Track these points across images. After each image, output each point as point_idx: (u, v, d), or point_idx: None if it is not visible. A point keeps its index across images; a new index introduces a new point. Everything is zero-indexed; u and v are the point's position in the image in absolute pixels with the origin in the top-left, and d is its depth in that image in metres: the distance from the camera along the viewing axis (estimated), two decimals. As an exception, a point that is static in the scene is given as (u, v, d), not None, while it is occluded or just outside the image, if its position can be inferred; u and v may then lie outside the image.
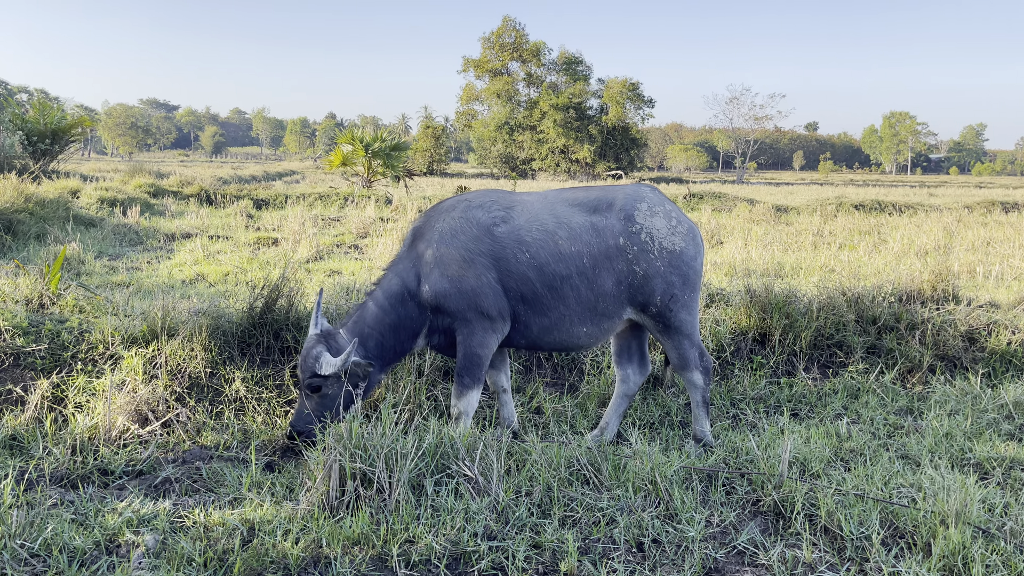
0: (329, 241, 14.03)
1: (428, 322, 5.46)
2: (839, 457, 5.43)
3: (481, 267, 5.32)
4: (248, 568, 3.74)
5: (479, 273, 5.31)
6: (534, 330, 5.51)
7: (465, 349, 5.37)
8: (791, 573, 3.89)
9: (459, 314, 5.33)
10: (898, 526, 4.28)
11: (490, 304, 5.32)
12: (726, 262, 12.01)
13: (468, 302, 5.30)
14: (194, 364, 6.21)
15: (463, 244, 5.35)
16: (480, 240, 5.36)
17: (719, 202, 25.67)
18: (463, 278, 5.29)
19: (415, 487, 4.43)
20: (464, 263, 5.31)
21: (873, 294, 8.26)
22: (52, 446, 5.14)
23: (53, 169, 24.75)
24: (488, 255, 5.34)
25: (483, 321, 5.34)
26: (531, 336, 5.55)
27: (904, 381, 7.41)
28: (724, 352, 7.46)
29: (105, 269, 10.47)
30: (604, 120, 70.37)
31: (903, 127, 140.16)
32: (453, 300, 5.30)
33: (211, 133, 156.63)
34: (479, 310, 5.31)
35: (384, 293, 5.44)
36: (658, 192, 5.80)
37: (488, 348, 5.40)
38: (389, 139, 29.28)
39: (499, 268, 5.34)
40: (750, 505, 4.60)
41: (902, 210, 23.98)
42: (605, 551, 4.06)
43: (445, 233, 5.40)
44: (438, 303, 5.34)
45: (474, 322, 5.33)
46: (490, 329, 5.37)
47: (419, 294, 5.39)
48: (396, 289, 5.42)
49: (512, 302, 5.40)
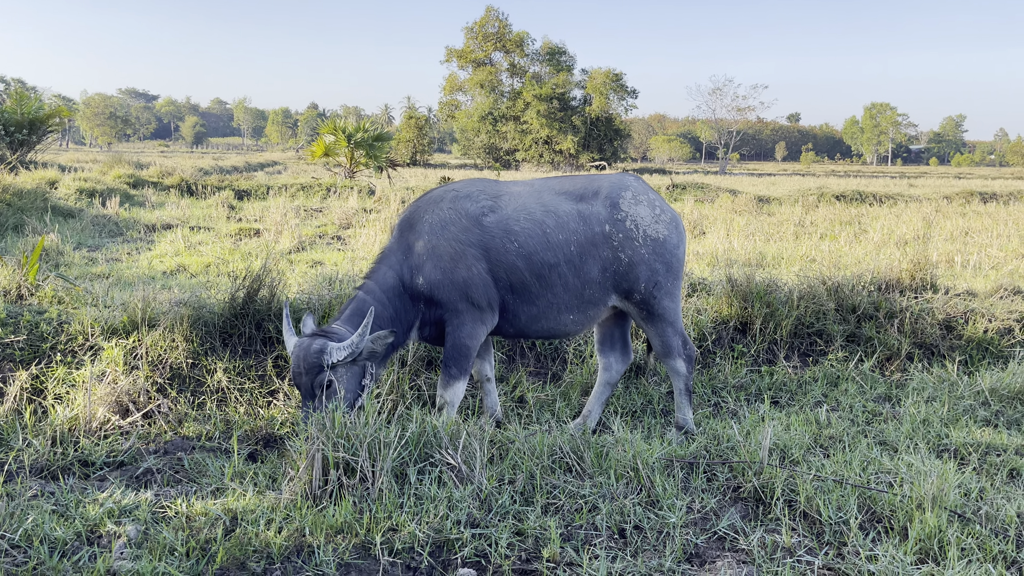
0: (311, 232, 13.97)
1: (420, 314, 5.43)
2: (818, 444, 5.49)
3: (472, 258, 5.31)
4: (231, 557, 3.74)
5: (470, 264, 5.31)
6: (522, 319, 5.52)
7: (454, 340, 5.36)
8: (770, 557, 3.93)
9: (450, 305, 5.32)
10: (876, 511, 4.34)
11: (480, 295, 5.33)
12: (708, 252, 12.08)
13: (460, 293, 5.29)
14: (175, 355, 6.17)
15: (453, 235, 5.34)
16: (470, 231, 5.35)
17: (702, 192, 25.79)
18: (455, 269, 5.28)
19: (398, 476, 4.44)
20: (455, 254, 5.30)
21: (853, 283, 8.35)
22: (32, 437, 5.10)
23: (31, 160, 24.47)
24: (478, 245, 5.33)
25: (473, 312, 5.34)
26: (519, 324, 5.57)
27: (883, 369, 7.50)
28: (706, 341, 7.51)
29: (84, 260, 10.37)
30: (587, 111, 70.32)
31: (884, 118, 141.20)
32: (446, 291, 5.29)
33: (192, 123, 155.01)
34: (470, 301, 5.31)
35: (380, 286, 5.35)
36: (642, 181, 5.83)
37: (477, 339, 5.41)
38: (372, 129, 29.16)
39: (489, 258, 5.35)
40: (731, 491, 4.64)
41: (882, 200, 24.21)
42: (587, 537, 4.09)
43: (435, 224, 5.38)
44: (431, 295, 5.33)
45: (464, 313, 5.33)
46: (479, 320, 5.37)
47: (413, 286, 5.36)
48: (392, 282, 5.36)
49: (501, 291, 5.40)
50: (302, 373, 4.93)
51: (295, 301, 7.10)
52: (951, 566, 3.71)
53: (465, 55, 73.84)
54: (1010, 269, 11.06)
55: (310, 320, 5.38)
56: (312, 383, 4.92)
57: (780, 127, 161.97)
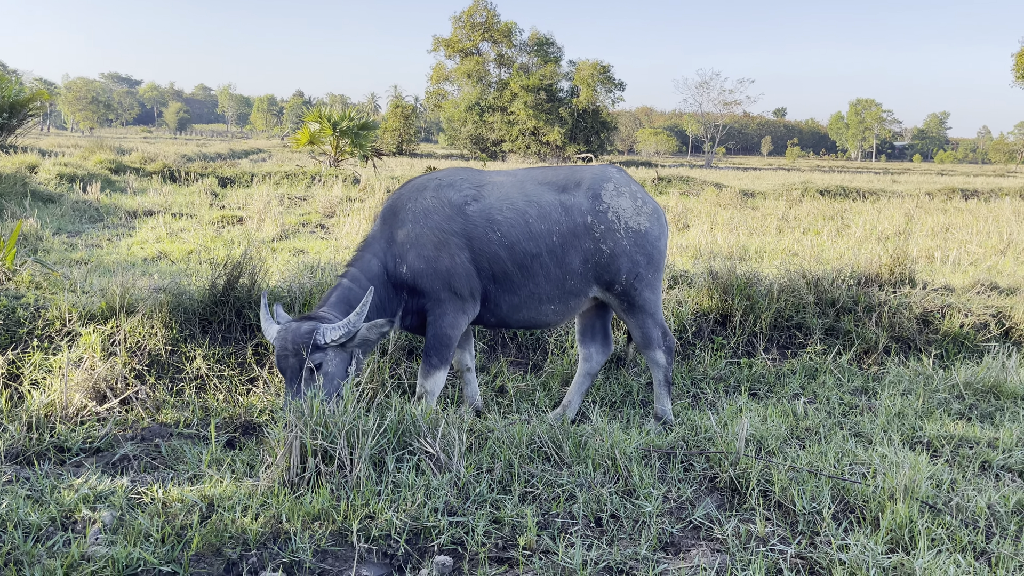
0: (295, 220, 13.90)
1: (403, 303, 5.42)
2: (795, 435, 5.55)
3: (455, 247, 5.31)
4: (207, 543, 3.73)
5: (453, 253, 5.30)
6: (503, 308, 5.53)
7: (436, 329, 5.36)
8: (744, 546, 3.97)
9: (433, 294, 5.31)
10: (849, 501, 4.39)
11: (463, 284, 5.33)
12: (691, 245, 12.13)
13: (443, 282, 5.29)
14: (154, 341, 6.14)
15: (437, 224, 5.33)
16: (453, 219, 5.35)
17: (687, 186, 25.86)
18: (438, 258, 5.28)
19: (376, 464, 4.45)
20: (439, 243, 5.29)
21: (833, 277, 8.42)
22: (7, 423, 5.06)
23: (10, 144, 24.16)
24: (461, 234, 5.33)
25: (455, 301, 5.34)
26: (500, 314, 5.58)
27: (860, 362, 7.57)
28: (686, 333, 7.55)
29: (64, 246, 10.28)
30: (575, 103, 70.22)
31: (869, 114, 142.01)
32: (428, 280, 5.28)
33: (175, 109, 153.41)
34: (452, 290, 5.31)
35: (365, 274, 5.32)
36: (624, 173, 5.85)
37: (458, 329, 5.41)
38: (358, 118, 29.02)
39: (471, 247, 5.34)
40: (707, 481, 4.68)
41: (866, 196, 24.38)
42: (564, 526, 4.11)
43: (418, 213, 5.37)
44: (414, 283, 5.32)
45: (446, 302, 5.33)
46: (461, 310, 5.38)
47: (396, 274, 5.35)
48: (376, 270, 5.34)
49: (483, 281, 5.41)
50: (289, 355, 4.82)
51: (276, 289, 7.07)
52: (921, 555, 3.76)
53: (453, 45, 73.47)
54: (988, 265, 11.19)
55: (281, 310, 5.36)
56: (300, 364, 4.81)
57: (766, 122, 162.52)
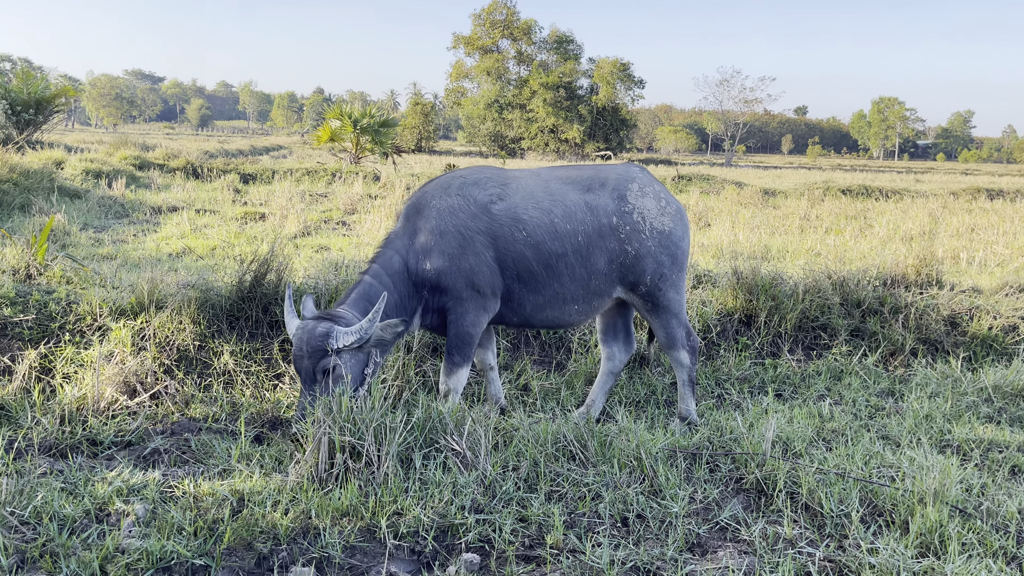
0: (316, 217, 13.98)
1: (424, 301, 5.40)
2: (821, 437, 5.52)
3: (480, 245, 5.30)
4: (238, 537, 3.78)
5: (478, 251, 5.29)
6: (527, 308, 5.53)
7: (457, 328, 5.36)
8: (772, 548, 3.96)
9: (455, 292, 5.29)
10: (877, 504, 4.36)
11: (485, 283, 5.32)
12: (713, 244, 12.08)
13: (466, 280, 5.27)
14: (182, 337, 6.21)
15: (462, 222, 5.31)
16: (478, 218, 5.33)
17: (707, 184, 25.73)
18: (463, 256, 5.26)
19: (404, 460, 4.48)
20: (463, 241, 5.28)
21: (858, 278, 8.35)
22: (41, 416, 5.14)
23: (37, 140, 24.45)
24: (486, 233, 5.32)
25: (477, 299, 5.33)
26: (524, 313, 5.57)
27: (886, 364, 7.51)
28: (710, 333, 7.53)
29: (91, 241, 10.40)
30: (594, 100, 70.09)
31: (891, 113, 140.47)
32: (452, 278, 5.27)
33: (197, 106, 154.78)
34: (475, 288, 5.30)
35: (386, 271, 5.27)
36: (647, 172, 5.84)
37: (479, 327, 5.41)
38: (378, 115, 29.10)
39: (496, 246, 5.33)
40: (733, 483, 4.67)
41: (888, 195, 24.13)
42: (590, 525, 4.12)
43: (443, 211, 5.35)
44: (437, 281, 5.30)
45: (468, 301, 5.32)
46: (482, 307, 5.37)
47: (418, 272, 5.31)
48: (398, 267, 5.30)
49: (507, 280, 5.40)
50: (304, 356, 4.77)
51: (302, 286, 7.13)
52: (951, 560, 3.74)
53: (472, 42, 73.54)
54: (1016, 266, 11.04)
55: (310, 302, 5.31)
56: (314, 368, 4.76)
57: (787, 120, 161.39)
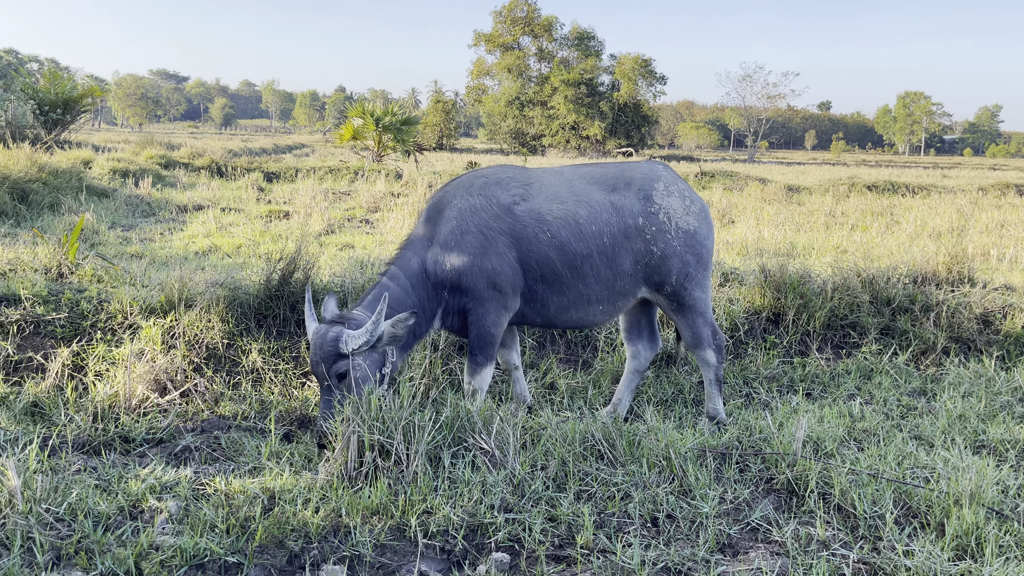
0: (340, 215, 14.03)
1: (444, 303, 5.36)
2: (852, 437, 5.45)
3: (503, 246, 5.25)
4: (270, 535, 3.80)
5: (500, 252, 5.24)
6: (551, 309, 5.49)
7: (479, 329, 5.32)
8: (804, 550, 3.92)
9: (476, 293, 5.25)
10: (911, 506, 4.30)
11: (507, 284, 5.27)
12: (738, 241, 11.98)
13: (487, 281, 5.23)
14: (211, 335, 6.26)
15: (484, 223, 5.26)
16: (500, 219, 5.28)
17: (731, 181, 25.55)
18: (484, 257, 5.21)
19: (432, 459, 4.48)
20: (485, 242, 5.22)
21: (888, 275, 8.24)
22: (74, 413, 5.21)
23: (65, 139, 24.74)
24: (509, 234, 5.27)
25: (498, 300, 5.29)
26: (547, 314, 5.53)
27: (917, 362, 7.41)
28: (738, 331, 7.47)
29: (119, 240, 10.52)
30: (615, 96, 69.80)
31: (917, 107, 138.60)
32: (473, 280, 5.21)
33: (221, 105, 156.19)
34: (496, 289, 5.26)
35: (405, 272, 5.23)
36: (671, 170, 5.80)
37: (501, 327, 5.38)
38: (399, 113, 29.16)
39: (520, 248, 5.28)
40: (763, 483, 4.63)
41: (915, 191, 23.82)
42: (620, 525, 4.10)
43: (464, 211, 5.30)
44: (458, 282, 5.24)
45: (489, 301, 5.27)
46: (503, 308, 5.33)
47: (438, 273, 5.26)
48: (416, 268, 5.25)
49: (530, 281, 5.35)
50: (319, 362, 4.79)
51: (328, 284, 7.16)
52: (989, 564, 3.68)
53: (493, 39, 73.51)
54: (1048, 264, 10.85)
55: (332, 303, 5.26)
56: (328, 372, 4.77)
57: (810, 115, 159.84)
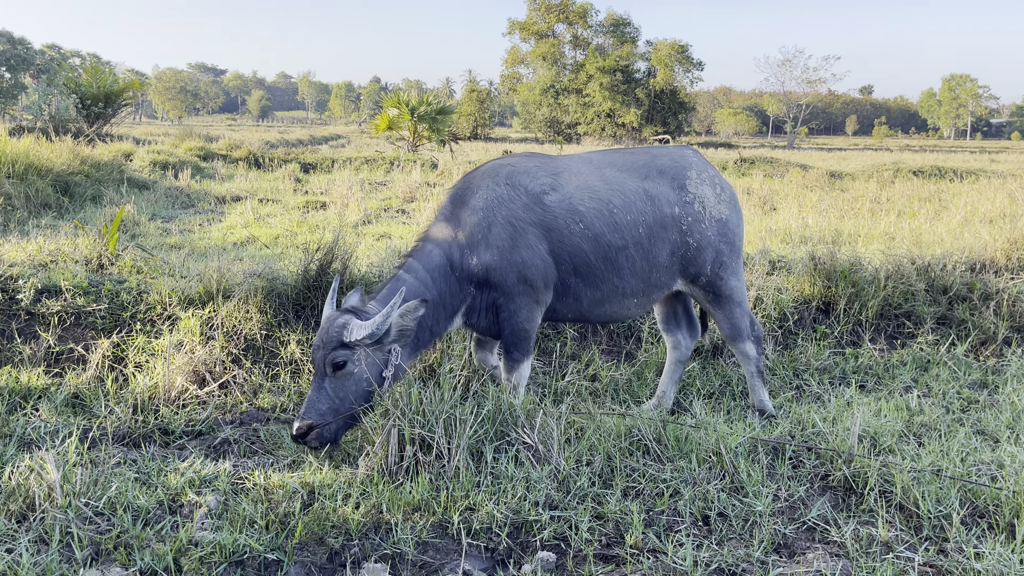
0: (376, 205, 13.99)
1: (469, 299, 5.05)
2: (911, 432, 5.22)
3: (533, 238, 4.99)
4: (309, 532, 3.71)
5: (531, 244, 4.98)
6: (584, 303, 5.26)
7: (512, 326, 5.07)
8: (866, 551, 3.73)
9: (506, 289, 4.98)
10: (978, 505, 4.09)
11: (539, 277, 5.01)
12: (781, 228, 11.68)
13: (518, 276, 4.96)
14: (250, 326, 6.21)
15: (513, 214, 4.99)
16: (531, 209, 5.02)
17: (771, 167, 25.05)
18: (514, 250, 4.94)
19: (474, 454, 4.36)
20: (515, 235, 4.96)
21: (943, 262, 7.93)
22: (114, 405, 5.19)
23: (106, 132, 25.11)
24: (539, 225, 5.01)
25: (530, 295, 5.03)
26: (580, 309, 5.29)
27: (977, 353, 7.10)
28: (787, 321, 7.23)
29: (159, 231, 10.58)
30: (651, 83, 68.91)
31: (963, 90, 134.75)
32: (502, 274, 4.95)
33: (258, 97, 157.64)
34: (528, 283, 4.99)
35: (425, 266, 4.89)
36: (700, 156, 5.61)
37: (535, 321, 5.14)
38: (434, 103, 29.11)
39: (551, 239, 5.02)
40: (818, 480, 4.43)
41: (963, 176, 23.11)
42: (670, 524, 3.94)
43: (491, 202, 5.02)
44: (487, 278, 4.97)
45: (520, 296, 5.00)
46: (535, 301, 5.08)
47: (464, 268, 4.95)
48: (439, 262, 4.93)
49: (563, 274, 5.10)
50: (319, 346, 4.53)
51: (366, 274, 7.08)
52: (1067, 568, 3.45)
53: (528, 27, 73.00)
54: (1111, 250, 10.38)
55: (356, 296, 4.92)
56: (324, 359, 4.50)
57: (852, 100, 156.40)
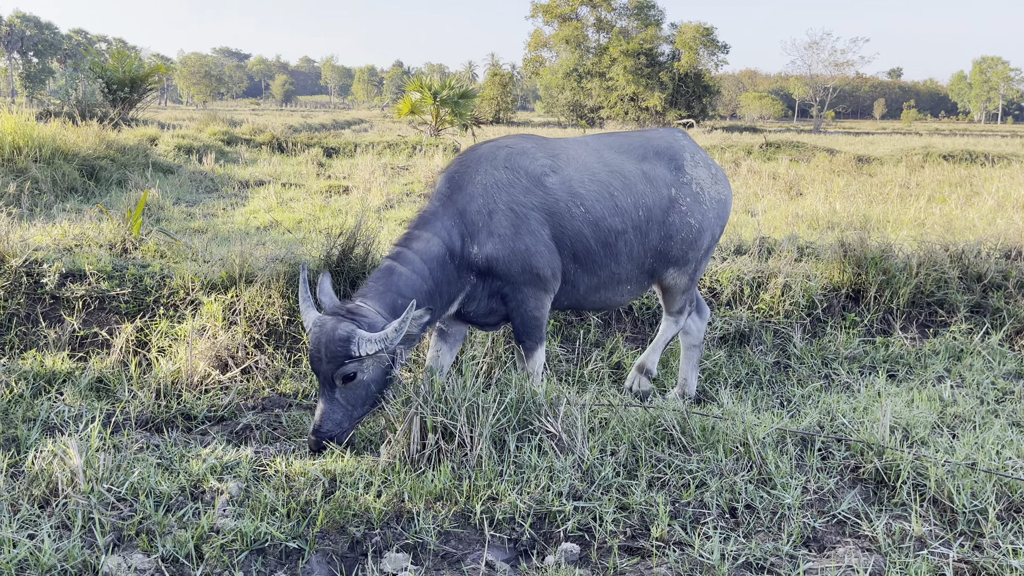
0: (399, 190, 13.96)
1: (468, 287, 4.87)
2: (944, 423, 5.09)
3: (535, 223, 4.82)
4: (331, 520, 3.68)
5: (533, 230, 4.81)
6: (581, 289, 5.12)
7: (522, 315, 4.94)
8: (899, 547, 3.63)
9: (511, 277, 4.81)
10: (1014, 500, 3.97)
11: (544, 264, 4.85)
12: (808, 214, 11.50)
13: (523, 264, 4.80)
14: (272, 311, 6.19)
15: (514, 198, 4.81)
16: (531, 192, 4.84)
17: (797, 152, 24.68)
18: (517, 236, 4.77)
19: (497, 443, 4.30)
20: (517, 220, 4.79)
21: (977, 249, 7.74)
22: (137, 390, 5.19)
23: (132, 117, 25.26)
24: (541, 209, 4.84)
25: (537, 283, 4.89)
26: (576, 296, 5.16)
27: (1012, 343, 6.93)
28: (816, 309, 7.09)
29: (183, 215, 10.61)
30: (676, 67, 68.13)
31: (995, 73, 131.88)
32: (506, 263, 4.77)
33: (281, 82, 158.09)
34: (534, 272, 4.84)
35: (421, 256, 4.66)
36: (690, 138, 5.54)
37: (545, 309, 5.01)
38: (457, 87, 28.97)
39: (552, 223, 4.86)
40: (849, 472, 4.33)
41: (995, 161, 22.62)
42: (696, 516, 3.87)
43: (490, 186, 4.81)
44: (489, 266, 4.78)
45: (526, 286, 4.86)
46: (543, 290, 4.94)
47: (464, 256, 4.76)
48: (436, 251, 4.69)
49: (563, 260, 4.96)
50: (322, 360, 4.30)
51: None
52: (1110, 567, 3.34)
53: (551, 10, 72.41)
54: None
55: (327, 283, 4.74)
56: (333, 374, 4.31)
57: (880, 83, 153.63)
